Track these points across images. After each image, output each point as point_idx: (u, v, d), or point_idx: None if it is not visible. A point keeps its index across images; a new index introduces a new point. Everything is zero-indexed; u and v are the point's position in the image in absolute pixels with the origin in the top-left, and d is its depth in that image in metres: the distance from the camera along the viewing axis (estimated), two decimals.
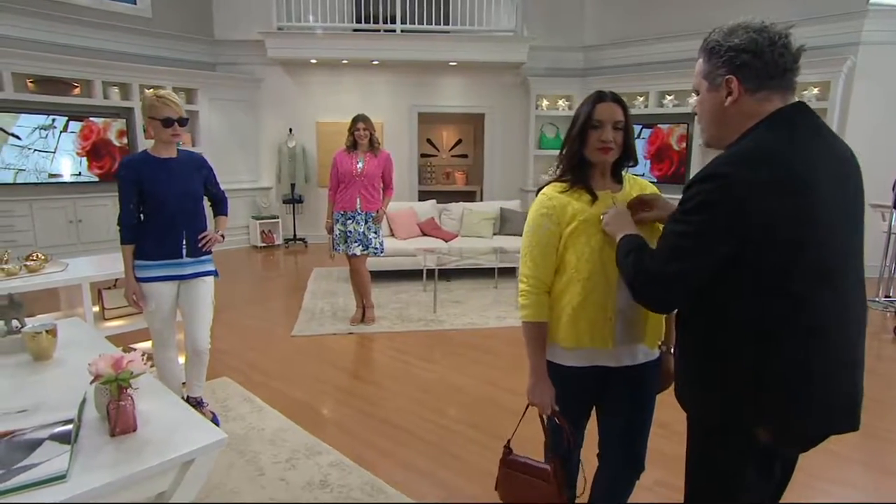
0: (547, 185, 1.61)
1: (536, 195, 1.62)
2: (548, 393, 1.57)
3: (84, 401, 1.46)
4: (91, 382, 1.34)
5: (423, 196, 7.69)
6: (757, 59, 1.13)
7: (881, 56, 5.68)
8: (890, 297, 4.88)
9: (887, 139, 5.27)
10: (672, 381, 1.68)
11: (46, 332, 1.85)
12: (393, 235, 6.00)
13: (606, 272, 1.46)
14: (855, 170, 1.22)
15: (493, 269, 5.70)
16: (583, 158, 1.53)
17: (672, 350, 1.66)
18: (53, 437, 1.27)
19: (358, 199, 4.16)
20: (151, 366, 1.45)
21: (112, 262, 3.15)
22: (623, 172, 1.61)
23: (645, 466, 1.67)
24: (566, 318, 1.52)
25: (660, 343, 1.65)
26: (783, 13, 6.19)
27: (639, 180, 1.64)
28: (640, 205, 1.51)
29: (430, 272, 5.16)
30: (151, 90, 2.51)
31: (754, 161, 1.09)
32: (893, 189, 4.50)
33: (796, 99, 1.18)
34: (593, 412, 1.71)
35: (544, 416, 1.63)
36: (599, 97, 1.52)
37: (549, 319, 1.56)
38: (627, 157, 1.56)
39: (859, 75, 5.78)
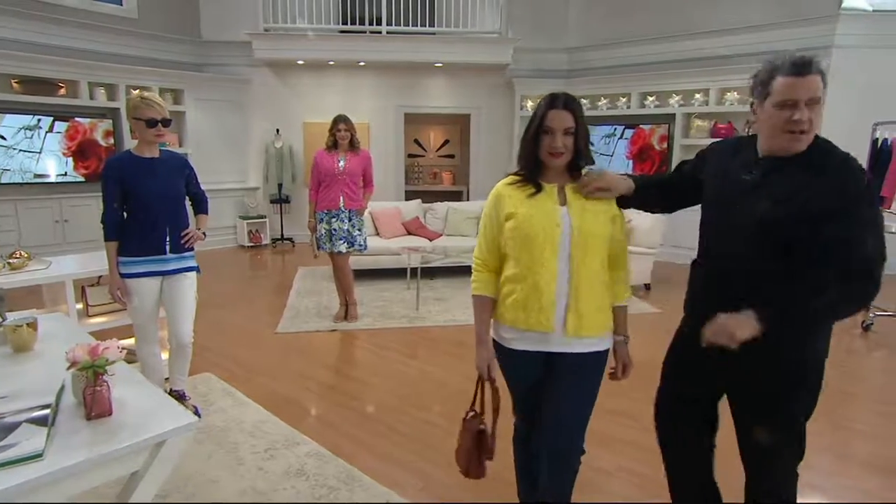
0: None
1: None
2: (485, 357, 1.72)
3: (62, 388, 1.52)
4: (68, 368, 1.41)
5: (411, 196, 7.76)
6: None
7: (854, 59, 5.84)
8: None
9: (859, 140, 5.39)
10: (629, 369, 1.77)
11: (27, 325, 1.90)
12: (378, 234, 6.07)
13: (542, 261, 1.56)
14: None
15: None
16: (538, 159, 1.62)
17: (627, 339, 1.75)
18: (31, 421, 1.33)
19: (341, 198, 4.23)
20: (129, 361, 1.52)
21: (95, 260, 3.20)
22: (583, 170, 1.69)
23: (585, 449, 1.74)
24: (511, 301, 1.63)
25: (624, 335, 1.73)
26: (758, 17, 6.35)
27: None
28: (600, 192, 1.64)
29: (414, 270, 5.24)
30: (136, 92, 2.59)
31: None
32: None
33: None
34: None
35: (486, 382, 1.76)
36: (551, 103, 1.59)
37: (496, 296, 1.70)
38: (580, 157, 1.64)
39: (832, 78, 5.89)
